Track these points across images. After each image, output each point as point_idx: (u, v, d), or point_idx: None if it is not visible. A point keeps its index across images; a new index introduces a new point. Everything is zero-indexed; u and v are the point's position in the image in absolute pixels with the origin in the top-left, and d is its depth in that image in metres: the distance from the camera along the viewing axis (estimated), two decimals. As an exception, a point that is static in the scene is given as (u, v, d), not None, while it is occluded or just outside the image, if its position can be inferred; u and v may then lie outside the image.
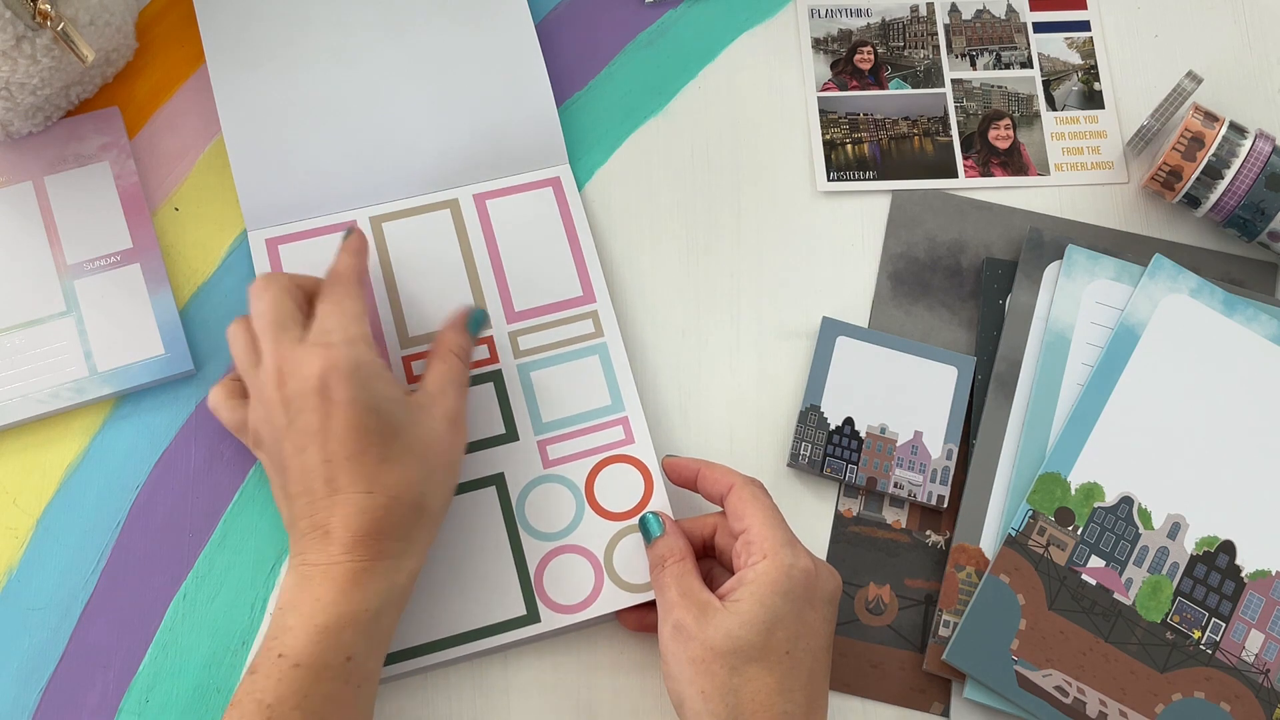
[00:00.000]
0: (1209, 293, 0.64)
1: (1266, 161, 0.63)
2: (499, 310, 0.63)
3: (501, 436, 0.61)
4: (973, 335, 0.65)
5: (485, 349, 0.62)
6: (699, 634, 0.51)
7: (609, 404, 0.62)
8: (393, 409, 0.53)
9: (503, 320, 0.63)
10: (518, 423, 0.61)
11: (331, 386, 0.51)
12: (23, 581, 0.59)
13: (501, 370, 0.62)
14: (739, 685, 0.50)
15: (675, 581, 0.54)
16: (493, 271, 0.64)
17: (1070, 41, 0.71)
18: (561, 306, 0.63)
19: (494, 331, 0.63)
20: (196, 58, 0.67)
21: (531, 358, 0.62)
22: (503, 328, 0.63)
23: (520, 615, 0.58)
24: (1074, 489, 0.60)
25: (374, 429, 0.52)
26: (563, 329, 0.63)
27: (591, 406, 0.62)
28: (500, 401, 0.61)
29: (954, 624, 0.59)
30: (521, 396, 0.62)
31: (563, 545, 0.59)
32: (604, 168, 0.68)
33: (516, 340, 0.63)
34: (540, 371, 0.62)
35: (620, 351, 0.63)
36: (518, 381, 0.62)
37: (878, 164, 0.68)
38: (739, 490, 0.55)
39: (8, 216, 0.63)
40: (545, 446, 0.61)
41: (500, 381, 0.62)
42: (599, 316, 0.63)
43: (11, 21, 0.55)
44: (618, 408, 0.62)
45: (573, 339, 0.63)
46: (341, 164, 0.65)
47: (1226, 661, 0.58)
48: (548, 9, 0.70)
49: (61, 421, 0.61)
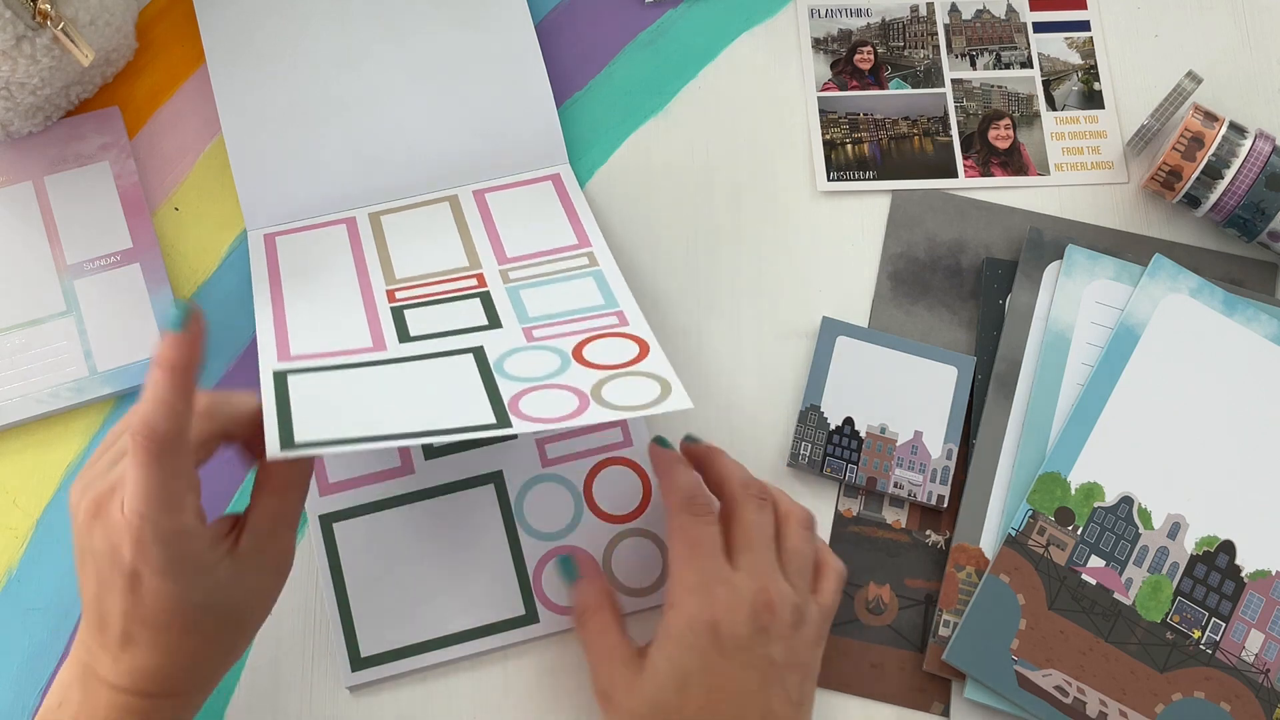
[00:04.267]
0: (1209, 293, 0.64)
1: (1266, 161, 0.63)
2: (490, 257, 0.61)
3: (483, 326, 0.57)
4: (973, 335, 0.65)
5: (474, 280, 0.60)
6: (623, 701, 0.50)
7: (601, 303, 0.58)
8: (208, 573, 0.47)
9: (494, 263, 0.61)
10: (502, 319, 0.57)
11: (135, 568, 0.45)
12: (23, 581, 0.59)
13: (490, 291, 0.59)
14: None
15: (597, 638, 0.52)
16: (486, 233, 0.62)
17: (1070, 41, 0.71)
18: (556, 251, 0.62)
19: (484, 270, 0.60)
20: (196, 58, 0.67)
21: (522, 282, 0.60)
22: (494, 266, 0.61)
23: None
24: (1074, 489, 0.60)
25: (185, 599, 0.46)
26: (556, 264, 0.61)
27: (583, 305, 0.58)
28: (485, 309, 0.58)
29: (954, 624, 0.59)
30: (509, 305, 0.58)
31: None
32: (604, 168, 0.68)
33: (508, 274, 0.60)
34: (531, 289, 0.59)
35: (616, 274, 0.59)
36: (506, 297, 0.58)
37: (878, 164, 0.68)
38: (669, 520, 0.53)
39: (8, 216, 0.63)
40: (530, 331, 0.57)
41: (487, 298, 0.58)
42: (594, 254, 0.61)
43: (11, 21, 0.55)
44: (611, 304, 0.58)
45: (567, 269, 0.60)
46: (341, 164, 0.65)
47: (1226, 661, 0.58)
48: (548, 9, 0.70)
49: (61, 421, 0.61)
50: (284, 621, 0.58)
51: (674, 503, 0.53)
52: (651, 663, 0.50)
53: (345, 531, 0.59)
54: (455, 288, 0.60)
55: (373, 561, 0.58)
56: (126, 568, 0.45)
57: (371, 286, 0.60)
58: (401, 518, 0.59)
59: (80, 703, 0.47)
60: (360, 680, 0.57)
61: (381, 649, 0.57)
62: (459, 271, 0.61)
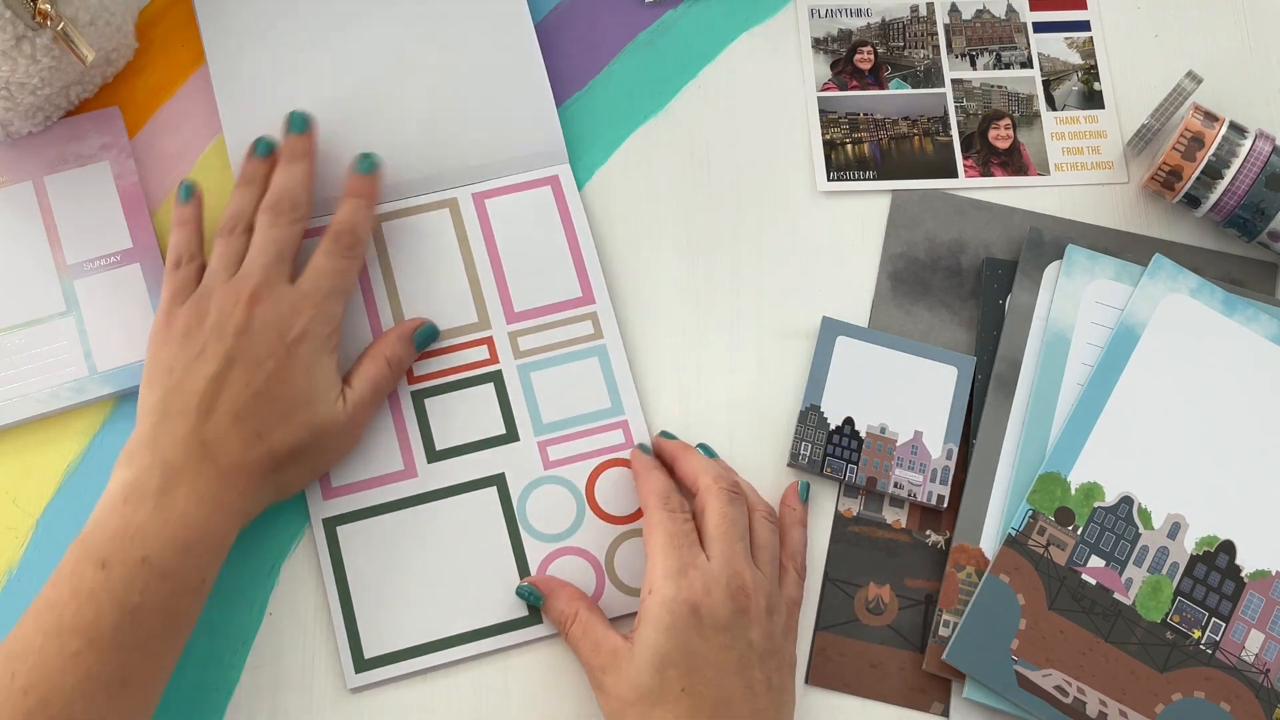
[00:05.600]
0: (1209, 293, 0.64)
1: (1266, 161, 0.63)
2: (499, 311, 0.63)
3: (502, 437, 0.61)
4: (973, 335, 0.65)
5: (485, 349, 0.62)
6: (614, 689, 0.52)
7: (608, 407, 0.62)
8: (325, 385, 0.56)
9: (503, 320, 0.63)
10: (518, 423, 0.61)
11: (296, 341, 0.55)
12: (23, 581, 0.59)
13: (502, 371, 0.62)
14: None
15: (583, 637, 0.55)
16: (492, 272, 0.64)
17: (1070, 41, 0.71)
18: (561, 307, 0.63)
19: (494, 332, 0.63)
20: (196, 58, 0.67)
21: (532, 358, 0.62)
22: (503, 328, 0.63)
23: (522, 616, 0.58)
24: (1074, 489, 0.60)
25: (300, 390, 0.55)
26: (563, 329, 0.63)
27: (592, 409, 0.62)
28: (500, 402, 0.62)
29: (954, 624, 0.59)
30: (522, 397, 0.62)
31: (564, 547, 0.59)
32: (604, 168, 0.68)
33: (517, 341, 0.63)
34: (540, 373, 0.62)
35: (620, 354, 0.63)
36: (518, 382, 0.62)
37: (878, 164, 0.68)
38: (645, 518, 0.57)
39: (8, 216, 0.63)
40: (545, 447, 0.61)
41: (500, 382, 0.62)
42: (598, 318, 0.63)
43: (11, 21, 0.55)
44: (617, 411, 0.62)
45: (573, 339, 0.63)
46: (341, 164, 0.65)
47: (1226, 661, 0.58)
48: (548, 9, 0.70)
49: (61, 421, 0.61)
50: (285, 622, 0.59)
51: (650, 502, 0.56)
52: (632, 648, 0.52)
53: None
54: (469, 360, 0.62)
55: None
56: (292, 334, 0.55)
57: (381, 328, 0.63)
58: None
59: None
60: (364, 681, 0.57)
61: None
62: (469, 330, 0.63)
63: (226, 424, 0.54)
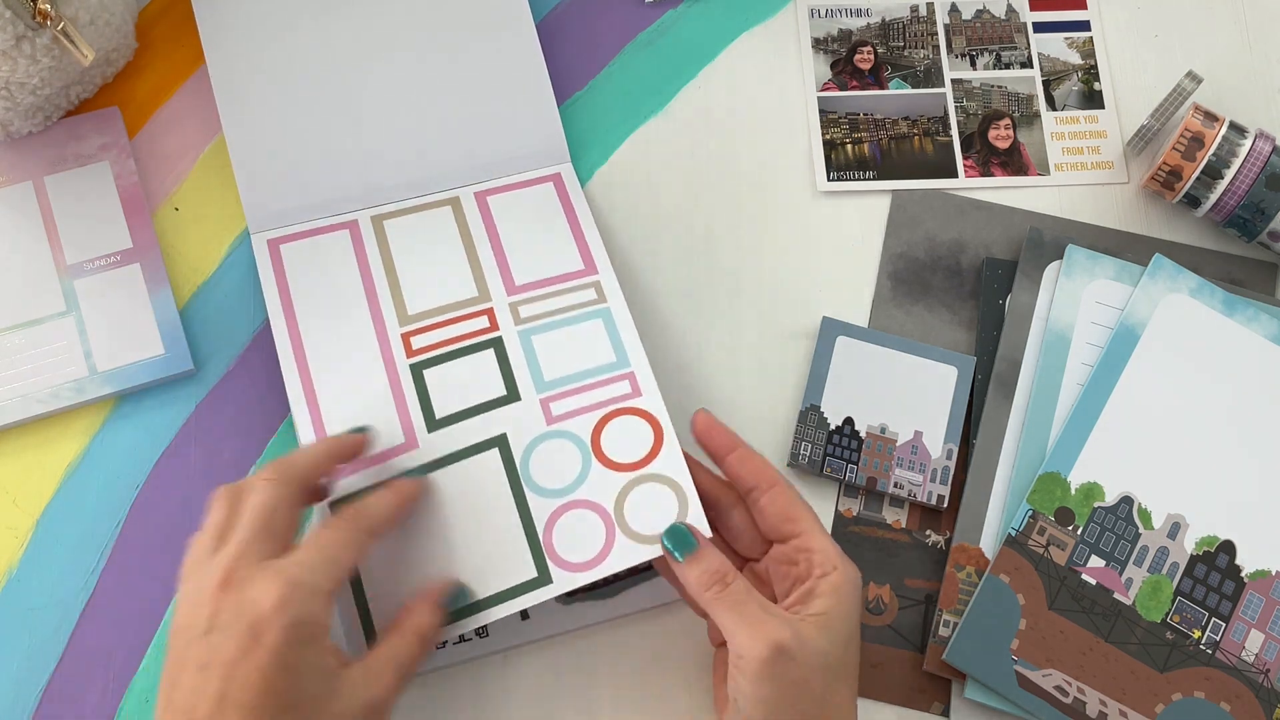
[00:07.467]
0: (1209, 293, 0.64)
1: (1266, 161, 0.63)
2: (499, 285, 0.62)
3: (503, 398, 0.59)
4: (973, 335, 0.65)
5: (485, 319, 0.61)
6: (800, 653, 0.49)
7: (613, 360, 0.60)
8: (313, 681, 0.48)
9: (503, 293, 0.62)
10: (519, 384, 0.60)
11: (264, 631, 0.47)
12: (23, 581, 0.59)
13: (502, 337, 0.61)
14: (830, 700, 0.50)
15: (748, 597, 0.51)
16: (493, 251, 0.63)
17: (1070, 41, 0.71)
18: (564, 279, 0.62)
19: (494, 304, 0.61)
20: (196, 58, 0.67)
21: (533, 324, 0.61)
22: (504, 299, 0.62)
23: (531, 578, 0.56)
24: (1074, 489, 0.60)
25: (282, 693, 0.47)
26: (565, 297, 0.62)
27: (596, 364, 0.60)
28: (500, 365, 0.60)
29: (954, 624, 0.59)
30: (523, 358, 0.60)
31: (571, 501, 0.57)
32: (604, 167, 0.68)
33: (517, 309, 0.61)
34: (542, 335, 0.61)
35: (625, 315, 0.61)
36: (519, 345, 0.60)
37: (878, 164, 0.68)
38: (787, 491, 0.54)
39: (8, 216, 0.63)
40: (548, 404, 0.59)
41: (500, 347, 0.60)
42: (601, 285, 0.62)
43: (11, 21, 0.55)
44: (623, 364, 0.60)
45: (575, 305, 0.62)
46: (343, 164, 0.65)
47: (1226, 661, 0.58)
48: (548, 9, 0.70)
49: (61, 421, 0.61)
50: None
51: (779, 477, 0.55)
52: (825, 618, 0.50)
53: None
54: (468, 330, 0.61)
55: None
56: (253, 629, 0.47)
57: (387, 331, 0.61)
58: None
59: None
60: None
61: None
62: (469, 304, 0.62)
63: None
